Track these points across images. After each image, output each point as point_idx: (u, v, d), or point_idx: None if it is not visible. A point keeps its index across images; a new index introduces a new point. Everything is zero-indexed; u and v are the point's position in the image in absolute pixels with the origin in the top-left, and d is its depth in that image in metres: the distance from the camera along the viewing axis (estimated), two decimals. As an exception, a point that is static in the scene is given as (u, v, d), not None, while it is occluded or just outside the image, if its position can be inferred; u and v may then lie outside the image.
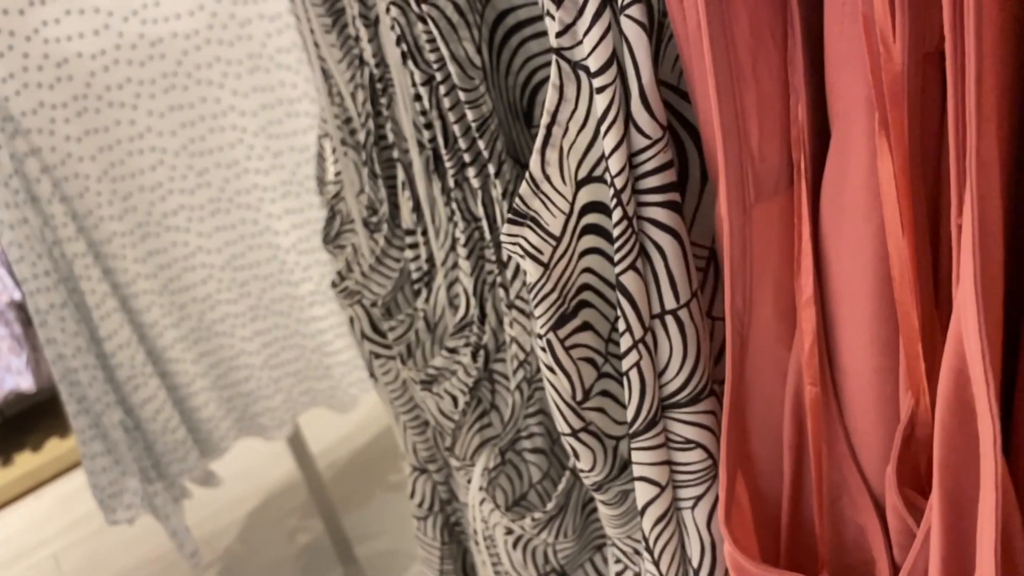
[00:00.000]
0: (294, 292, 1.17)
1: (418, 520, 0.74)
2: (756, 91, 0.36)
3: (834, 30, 0.33)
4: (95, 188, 1.03)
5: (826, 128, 0.36)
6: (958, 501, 0.33)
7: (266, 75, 1.07)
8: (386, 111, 0.53)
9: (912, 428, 0.37)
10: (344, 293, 0.64)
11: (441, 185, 0.50)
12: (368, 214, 0.61)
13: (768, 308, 0.41)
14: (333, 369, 1.23)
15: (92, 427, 1.09)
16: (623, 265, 0.40)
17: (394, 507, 1.58)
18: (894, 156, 0.32)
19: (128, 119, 1.03)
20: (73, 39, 0.98)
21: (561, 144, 0.40)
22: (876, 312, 0.37)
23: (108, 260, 1.07)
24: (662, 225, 0.39)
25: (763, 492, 0.46)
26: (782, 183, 0.38)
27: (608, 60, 0.36)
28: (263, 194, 1.12)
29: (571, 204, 0.41)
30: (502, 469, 0.56)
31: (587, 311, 0.45)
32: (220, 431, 1.20)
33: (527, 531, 0.55)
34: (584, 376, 0.45)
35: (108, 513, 1.13)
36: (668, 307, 0.41)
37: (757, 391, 0.43)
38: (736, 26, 0.34)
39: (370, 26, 0.51)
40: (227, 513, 1.66)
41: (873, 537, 0.42)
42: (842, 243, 0.37)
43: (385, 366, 0.67)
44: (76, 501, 1.80)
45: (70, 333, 1.04)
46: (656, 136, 0.38)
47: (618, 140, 0.38)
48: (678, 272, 0.40)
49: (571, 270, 0.43)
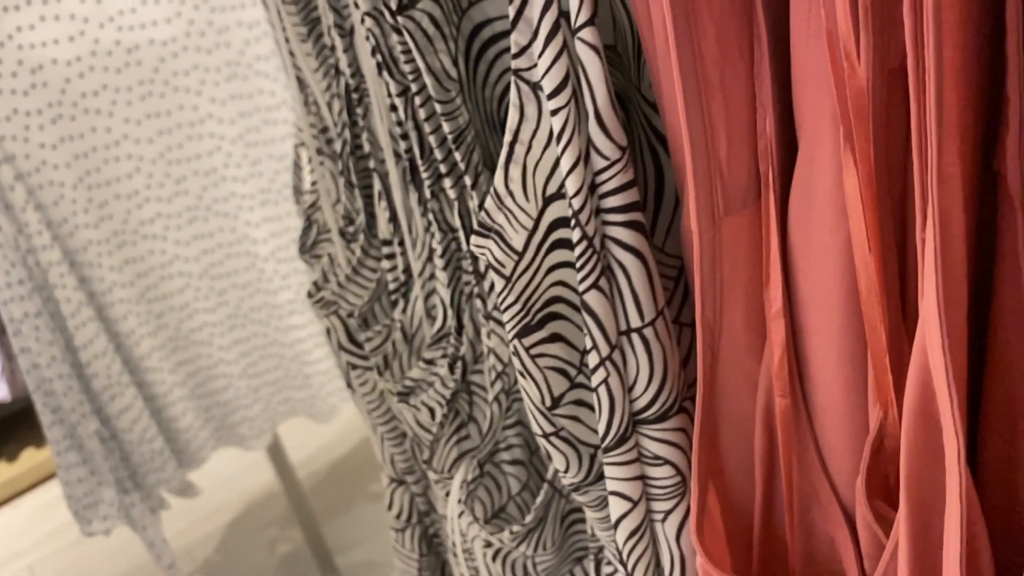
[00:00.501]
0: (273, 301, 1.16)
1: (396, 532, 0.74)
2: (724, 105, 0.36)
3: (800, 45, 0.33)
4: (70, 196, 1.02)
5: (794, 141, 0.37)
6: (925, 513, 0.34)
7: (244, 83, 1.06)
8: (362, 121, 0.53)
9: (881, 440, 0.37)
10: (320, 303, 0.64)
11: (418, 196, 0.50)
12: (344, 224, 0.60)
13: (738, 320, 0.41)
14: (312, 378, 1.22)
15: (67, 437, 1.07)
16: (586, 284, 0.41)
17: (375, 517, 1.58)
18: (859, 170, 0.32)
19: (104, 126, 1.02)
20: (48, 45, 0.97)
21: (525, 161, 0.40)
22: (844, 324, 0.37)
23: (84, 268, 1.05)
24: (625, 245, 0.40)
25: (735, 503, 0.46)
26: (750, 196, 0.38)
27: (562, 82, 0.37)
28: (241, 202, 1.11)
29: (536, 220, 0.42)
30: (480, 481, 0.55)
31: (557, 323, 0.45)
32: (198, 441, 1.19)
33: (506, 544, 0.54)
34: (552, 384, 0.46)
35: (84, 524, 1.12)
36: (633, 325, 0.41)
37: (728, 402, 0.43)
38: (703, 40, 0.35)
39: (345, 36, 0.51)
40: (206, 523, 1.64)
41: (843, 548, 0.42)
42: (810, 256, 0.37)
43: (362, 377, 0.66)
44: (52, 512, 1.78)
45: (45, 342, 1.02)
46: (614, 157, 0.38)
47: (574, 161, 0.38)
48: (642, 291, 0.41)
49: (536, 283, 0.44)
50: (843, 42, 0.31)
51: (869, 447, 0.37)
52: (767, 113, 0.36)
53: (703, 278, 0.39)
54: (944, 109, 0.28)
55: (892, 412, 0.36)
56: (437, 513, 0.71)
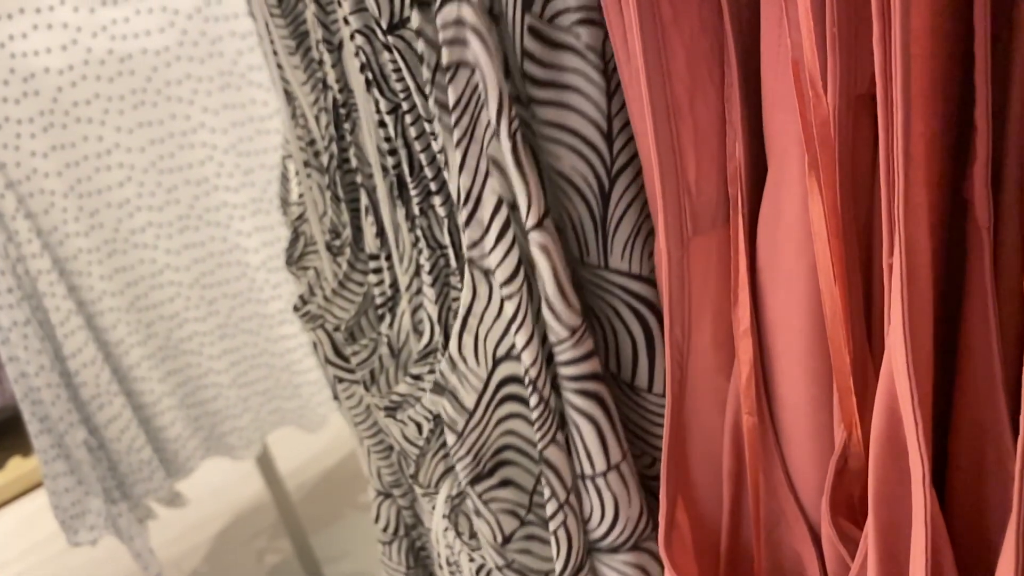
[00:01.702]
0: (263, 310, 1.16)
1: (383, 545, 0.74)
2: (693, 127, 0.37)
3: (770, 71, 0.34)
4: (61, 204, 1.02)
5: (763, 164, 0.37)
6: (893, 534, 0.34)
7: (237, 92, 1.06)
8: (350, 136, 0.53)
9: (845, 460, 0.37)
10: (306, 317, 0.64)
11: (405, 211, 0.50)
12: (331, 237, 0.60)
13: (706, 338, 0.41)
14: (302, 388, 1.22)
15: (55, 447, 1.07)
16: (544, 441, 0.45)
17: (363, 528, 1.57)
18: (824, 196, 0.33)
19: (96, 135, 1.02)
20: (40, 54, 0.97)
21: (477, 331, 0.44)
22: (810, 346, 0.37)
23: (74, 277, 1.05)
24: (579, 409, 0.43)
25: (703, 518, 0.47)
26: (719, 218, 0.39)
27: (513, 273, 0.41)
28: (233, 212, 1.11)
29: (486, 381, 0.46)
30: (466, 497, 0.56)
31: (507, 469, 0.50)
32: (187, 451, 1.18)
33: (489, 560, 0.54)
34: (504, 524, 0.50)
35: (70, 534, 1.11)
36: (587, 473, 0.45)
37: (697, 418, 0.43)
38: (673, 62, 0.35)
39: (334, 51, 0.51)
40: (194, 534, 1.64)
41: (809, 564, 0.43)
42: (777, 277, 0.38)
43: (349, 390, 0.66)
44: (39, 521, 1.77)
45: (33, 351, 1.02)
46: (563, 335, 0.42)
47: (528, 338, 0.42)
48: (594, 449, 0.44)
49: (487, 436, 0.48)
50: (808, 70, 0.31)
51: (833, 467, 0.38)
52: (737, 136, 0.37)
53: (672, 297, 0.40)
54: (912, 140, 0.28)
55: (856, 433, 0.37)
56: (424, 526, 0.71)
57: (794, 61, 0.32)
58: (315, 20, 0.50)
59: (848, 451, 0.37)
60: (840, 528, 0.39)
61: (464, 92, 0.38)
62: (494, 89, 0.37)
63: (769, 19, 0.33)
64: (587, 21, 0.38)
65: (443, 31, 0.36)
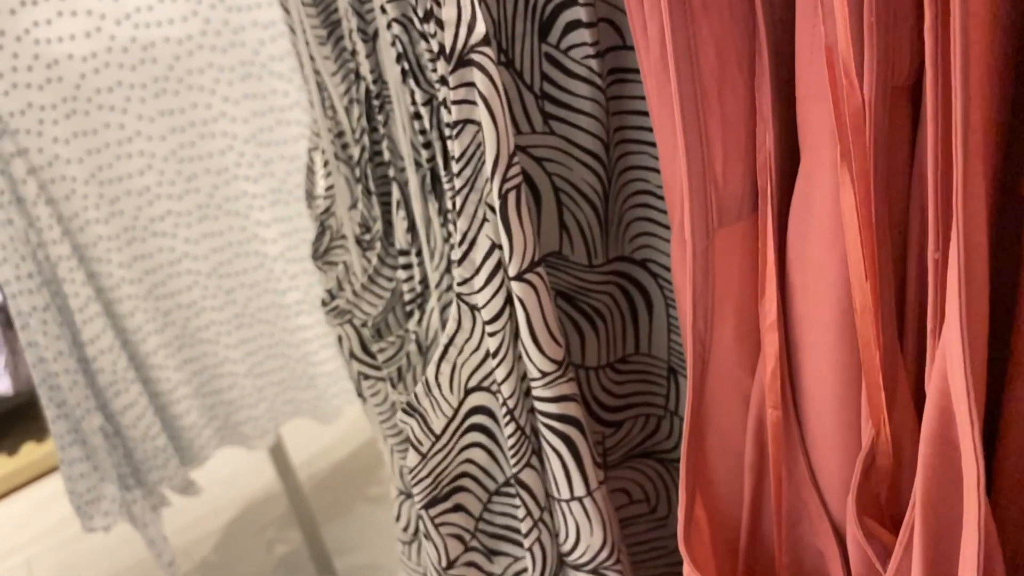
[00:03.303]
0: (280, 301, 1.16)
1: (404, 544, 0.73)
2: (721, 117, 0.36)
3: (803, 61, 0.34)
4: (82, 191, 1.02)
5: (795, 155, 0.37)
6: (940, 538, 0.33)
7: (258, 82, 1.06)
8: (382, 128, 0.53)
9: (872, 458, 0.37)
10: (335, 312, 0.63)
11: (438, 206, 0.50)
12: (361, 231, 0.60)
13: (729, 331, 0.41)
14: (317, 379, 1.22)
15: (71, 432, 1.07)
16: (519, 465, 0.48)
17: (374, 520, 1.57)
18: (856, 187, 0.32)
19: (117, 122, 1.02)
20: (64, 41, 0.97)
21: (455, 361, 0.47)
22: (839, 340, 0.37)
23: (93, 264, 1.05)
24: (548, 442, 0.46)
25: (722, 514, 0.46)
26: (745, 208, 0.39)
27: (499, 313, 0.44)
28: (252, 201, 1.11)
29: (456, 409, 0.49)
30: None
31: (461, 495, 0.52)
32: (201, 439, 1.18)
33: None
34: (450, 549, 0.53)
35: (85, 520, 1.11)
36: (555, 495, 0.48)
37: (717, 413, 0.43)
38: (702, 52, 0.35)
39: (368, 41, 0.50)
40: (205, 522, 1.64)
41: (831, 563, 0.42)
42: (807, 270, 0.37)
43: (374, 387, 0.66)
44: (51, 507, 1.77)
45: (52, 337, 1.02)
46: (535, 375, 0.44)
47: (508, 372, 0.45)
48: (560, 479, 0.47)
49: (448, 462, 0.51)
50: (842, 59, 0.31)
51: (860, 465, 0.37)
52: (767, 127, 0.37)
53: (695, 288, 0.39)
54: (970, 130, 0.28)
55: (884, 431, 0.36)
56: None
57: (828, 49, 0.31)
58: (349, 9, 0.50)
59: (876, 449, 0.37)
60: (866, 527, 0.38)
61: (468, 146, 0.41)
62: (491, 151, 0.39)
63: (803, 8, 0.33)
64: (599, 55, 0.41)
65: (454, 91, 0.39)
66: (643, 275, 0.49)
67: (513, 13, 0.41)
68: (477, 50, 0.38)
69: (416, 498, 0.50)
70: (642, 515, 0.57)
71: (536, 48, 0.42)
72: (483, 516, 0.53)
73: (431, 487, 0.50)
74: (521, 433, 0.47)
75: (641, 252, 0.48)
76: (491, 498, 0.53)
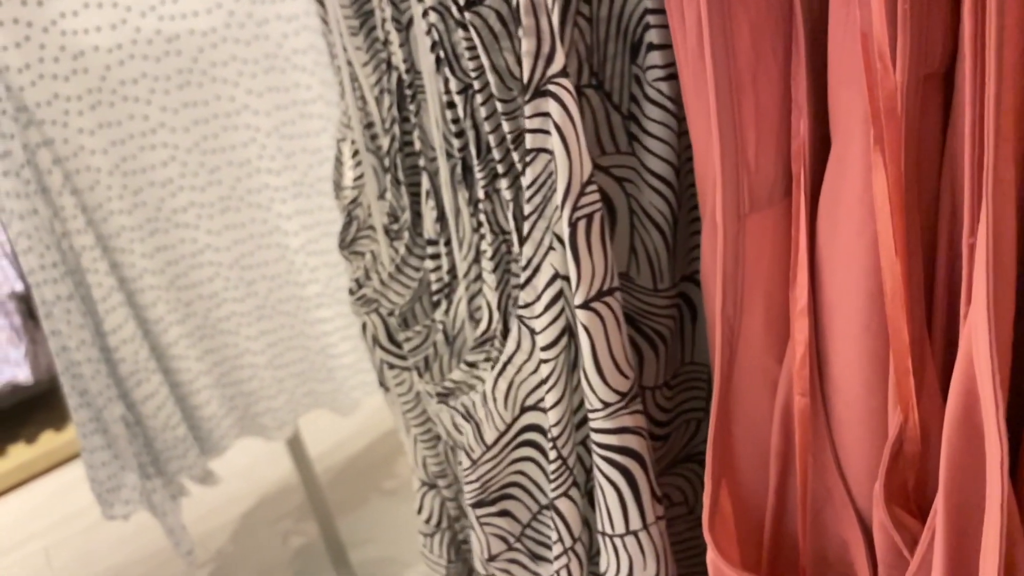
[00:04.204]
0: (301, 293, 1.17)
1: (425, 537, 0.74)
2: (755, 104, 0.37)
3: (837, 48, 0.34)
4: (106, 181, 1.03)
5: (826, 141, 0.37)
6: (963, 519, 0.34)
7: (281, 75, 1.07)
8: (413, 118, 0.53)
9: (900, 445, 0.37)
10: (361, 301, 0.64)
11: (468, 196, 0.50)
12: (389, 221, 0.61)
13: (758, 317, 0.41)
14: (336, 371, 1.22)
15: (93, 421, 1.08)
16: (556, 493, 0.48)
17: (390, 513, 1.58)
18: (888, 171, 0.32)
19: (142, 114, 1.03)
20: (90, 32, 0.98)
21: (513, 379, 0.47)
22: (867, 326, 0.37)
23: (116, 254, 1.06)
24: (604, 474, 0.46)
25: (747, 502, 0.47)
26: (776, 194, 0.39)
27: (555, 340, 0.44)
28: (274, 194, 1.11)
29: (509, 424, 0.49)
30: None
31: (509, 502, 0.53)
32: (221, 430, 1.19)
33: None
34: (492, 545, 0.54)
35: (105, 507, 1.12)
36: (606, 531, 0.48)
37: (744, 399, 0.43)
38: (738, 39, 0.35)
39: (401, 30, 0.51)
40: (221, 513, 1.65)
41: (856, 551, 0.42)
42: (836, 256, 0.38)
43: (399, 377, 0.66)
44: (69, 495, 1.79)
45: (75, 326, 1.03)
46: (597, 406, 0.44)
47: (557, 399, 0.45)
48: (615, 513, 0.47)
49: (498, 471, 0.51)
50: (877, 44, 0.31)
51: (888, 451, 0.37)
52: (802, 114, 0.37)
53: (725, 273, 0.40)
54: (1002, 113, 0.28)
55: (912, 416, 0.36)
56: (467, 519, 0.71)
57: (863, 34, 0.32)
58: (385, -2, 0.50)
59: (904, 435, 0.37)
60: (894, 514, 0.38)
61: (540, 174, 0.41)
62: (563, 180, 0.40)
63: None
64: (669, 77, 0.41)
65: (529, 120, 0.40)
66: (691, 287, 0.49)
67: (606, 35, 0.42)
68: (554, 81, 0.39)
69: (465, 495, 0.51)
70: (680, 516, 0.58)
71: (626, 69, 0.43)
72: (531, 524, 0.54)
73: (479, 491, 0.51)
74: (563, 463, 0.47)
75: (692, 265, 0.49)
76: (542, 510, 0.54)
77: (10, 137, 0.95)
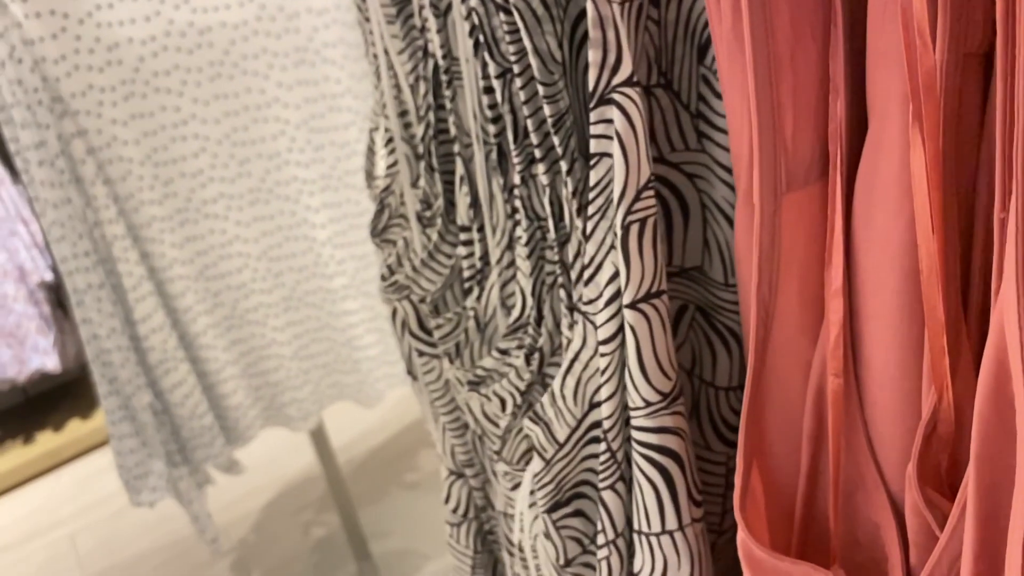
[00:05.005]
0: (327, 285, 1.18)
1: (451, 527, 0.74)
2: (792, 84, 0.37)
3: (876, 27, 0.34)
4: (137, 172, 1.04)
5: (863, 123, 0.37)
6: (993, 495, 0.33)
7: (311, 69, 1.08)
8: (449, 104, 0.54)
9: (934, 426, 0.37)
10: (393, 287, 0.64)
11: (503, 182, 0.51)
12: (422, 208, 0.61)
13: (793, 298, 0.42)
14: (361, 363, 1.23)
15: (122, 408, 1.10)
16: (604, 484, 0.49)
17: (411, 506, 1.59)
18: (926, 148, 0.33)
19: (173, 105, 1.04)
20: (125, 24, 0.99)
21: (580, 375, 0.49)
22: (902, 307, 0.37)
23: (146, 244, 1.08)
24: (643, 472, 0.47)
25: (778, 483, 0.47)
26: (812, 174, 0.39)
27: (611, 335, 0.45)
28: (302, 187, 1.12)
29: (579, 421, 0.50)
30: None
31: (581, 501, 0.54)
32: (247, 419, 1.21)
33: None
34: (568, 549, 0.55)
35: (133, 494, 1.14)
36: (643, 530, 0.49)
37: (777, 380, 0.43)
38: (777, 19, 0.36)
39: (440, 16, 0.52)
40: (243, 503, 1.66)
41: (887, 535, 0.42)
42: (872, 236, 0.38)
43: (428, 364, 0.67)
44: (95, 483, 1.81)
45: (105, 314, 1.05)
46: (639, 404, 0.45)
47: (611, 394, 0.46)
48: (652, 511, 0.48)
49: (571, 468, 0.52)
50: (917, 20, 0.31)
51: (922, 432, 0.37)
52: (839, 95, 0.37)
53: (761, 252, 0.40)
54: None
55: (947, 397, 0.36)
56: (494, 509, 0.72)
57: (903, 11, 0.32)
58: (422, -16, 0.51)
59: (938, 416, 0.37)
60: (927, 496, 0.38)
61: (603, 178, 0.43)
62: (619, 185, 0.42)
63: None
64: None
65: (593, 126, 0.41)
66: None
67: (673, 38, 0.44)
68: (618, 90, 0.40)
69: (539, 503, 0.52)
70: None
71: (694, 70, 0.44)
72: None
73: (554, 492, 0.52)
74: (612, 456, 0.48)
75: None
76: None
77: (45, 127, 0.96)
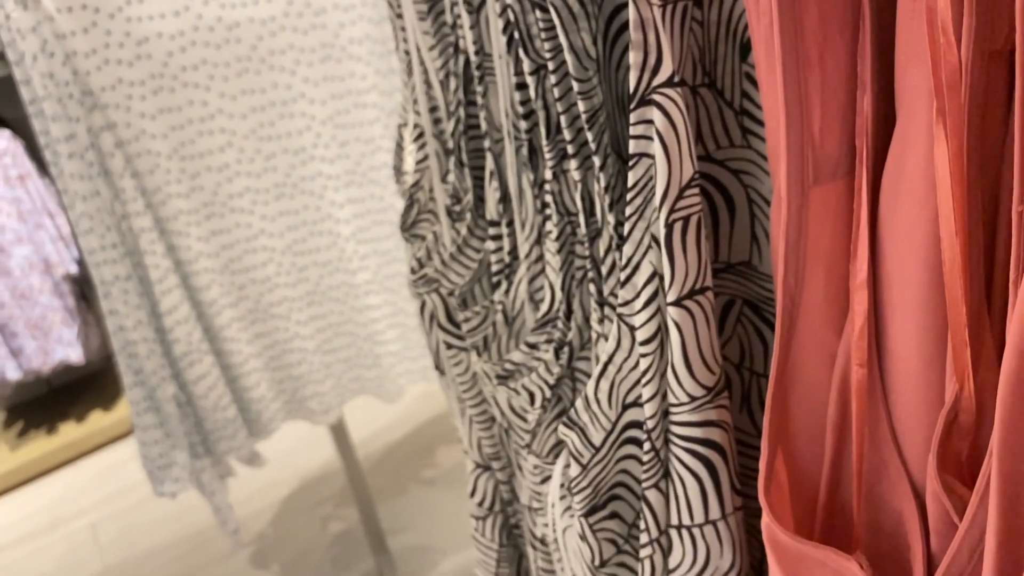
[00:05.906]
0: (351, 280, 1.19)
1: (477, 520, 0.74)
2: (820, 80, 0.38)
3: (904, 25, 0.35)
4: (165, 165, 1.05)
5: (891, 119, 0.38)
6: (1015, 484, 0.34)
7: (337, 65, 1.09)
8: (480, 99, 0.54)
9: (955, 414, 0.37)
10: (423, 280, 0.65)
11: (533, 177, 0.51)
12: (452, 203, 0.62)
13: (818, 290, 0.42)
14: (383, 358, 1.24)
15: (146, 399, 1.11)
16: (648, 483, 0.49)
17: (430, 502, 1.59)
18: (949, 143, 0.33)
19: (201, 100, 1.05)
20: (154, 19, 1.00)
21: (614, 379, 0.49)
22: (926, 298, 0.38)
23: (173, 237, 1.09)
24: (686, 465, 0.48)
25: (802, 470, 0.47)
26: (840, 168, 0.40)
27: (652, 336, 0.46)
28: (327, 182, 1.13)
29: (614, 423, 0.51)
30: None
31: (617, 503, 0.55)
32: (269, 412, 1.21)
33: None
34: (604, 551, 0.56)
35: (156, 484, 1.15)
36: (684, 523, 0.49)
37: (802, 370, 0.44)
38: (806, 18, 0.37)
39: (472, 12, 0.52)
40: (263, 496, 1.68)
41: (910, 524, 0.43)
42: (897, 229, 0.38)
43: (456, 357, 0.67)
44: (116, 474, 1.83)
45: (132, 306, 1.06)
46: (683, 400, 0.46)
47: (653, 394, 0.47)
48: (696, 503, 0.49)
49: (607, 472, 0.53)
50: (941, 20, 0.32)
51: (943, 420, 0.38)
52: (866, 91, 0.38)
53: (788, 244, 0.41)
54: None
55: (968, 386, 0.37)
56: (520, 503, 0.72)
57: (928, 8, 0.33)
58: (457, -19, 0.51)
59: (959, 405, 0.37)
60: (946, 483, 0.39)
61: (641, 178, 0.43)
62: (662, 184, 0.42)
63: None
64: None
65: (633, 127, 0.41)
66: None
67: (716, 37, 0.44)
68: (659, 91, 0.40)
69: (576, 506, 0.53)
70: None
71: (737, 68, 0.44)
72: (636, 523, 0.56)
73: (591, 496, 0.53)
74: (655, 455, 0.48)
75: None
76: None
77: (76, 120, 0.97)
